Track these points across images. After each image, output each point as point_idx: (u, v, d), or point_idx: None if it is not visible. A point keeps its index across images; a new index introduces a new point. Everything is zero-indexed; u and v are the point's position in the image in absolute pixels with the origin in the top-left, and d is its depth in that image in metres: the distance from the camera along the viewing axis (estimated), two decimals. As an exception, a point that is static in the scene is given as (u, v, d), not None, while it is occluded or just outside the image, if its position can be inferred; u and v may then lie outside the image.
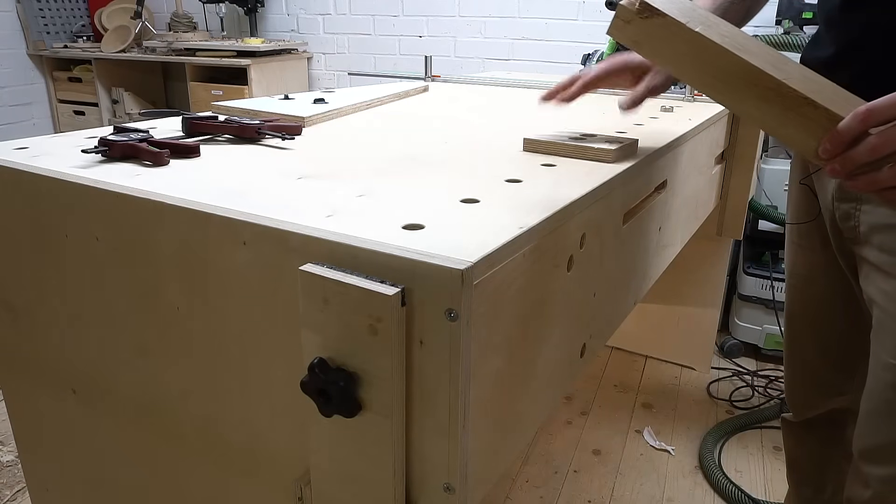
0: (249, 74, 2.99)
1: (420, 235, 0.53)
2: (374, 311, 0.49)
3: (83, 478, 0.90)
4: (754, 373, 2.00)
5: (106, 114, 3.45)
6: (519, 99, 1.48)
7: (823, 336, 1.00)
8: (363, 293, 0.49)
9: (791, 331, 1.05)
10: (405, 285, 0.49)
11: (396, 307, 0.48)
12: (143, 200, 0.64)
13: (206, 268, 0.62)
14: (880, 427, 0.78)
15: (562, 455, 1.65)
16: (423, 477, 0.54)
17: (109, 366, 0.77)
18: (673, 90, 1.55)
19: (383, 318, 0.48)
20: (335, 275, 0.50)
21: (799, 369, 1.06)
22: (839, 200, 0.82)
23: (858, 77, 0.67)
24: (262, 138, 0.91)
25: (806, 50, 0.89)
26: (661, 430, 1.75)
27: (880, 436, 0.78)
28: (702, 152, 1.28)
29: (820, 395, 1.04)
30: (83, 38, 3.57)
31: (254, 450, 0.67)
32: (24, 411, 0.94)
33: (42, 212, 0.74)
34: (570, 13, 2.68)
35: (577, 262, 0.70)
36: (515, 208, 0.62)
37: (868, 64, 0.73)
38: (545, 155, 0.85)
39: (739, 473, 1.59)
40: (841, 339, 0.98)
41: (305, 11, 3.26)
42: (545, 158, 0.83)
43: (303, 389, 0.53)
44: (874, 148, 0.54)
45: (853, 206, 0.79)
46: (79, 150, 0.80)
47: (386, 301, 0.48)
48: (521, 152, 0.87)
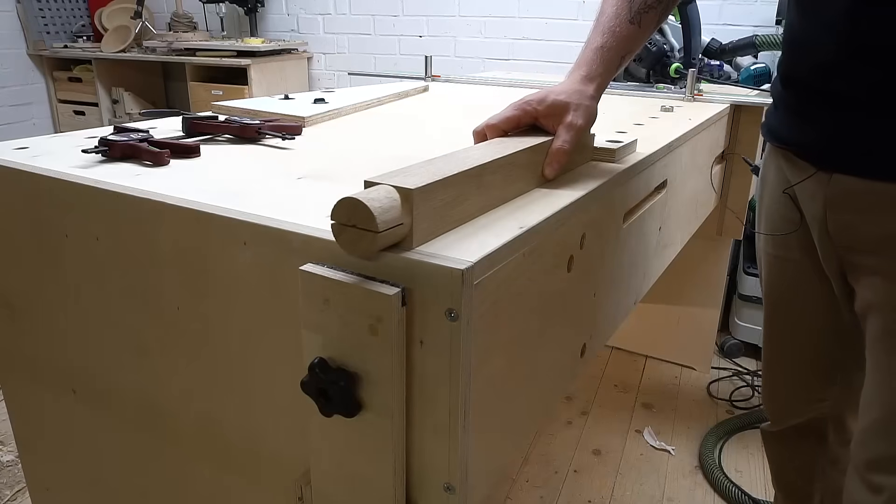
0: (249, 74, 2.99)
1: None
2: (374, 312, 0.49)
3: (83, 478, 0.90)
4: (754, 373, 2.00)
5: (106, 114, 3.45)
6: (519, 99, 1.48)
7: (803, 343, 0.99)
8: (363, 293, 0.49)
9: (770, 339, 1.04)
10: (406, 285, 0.49)
11: (396, 307, 0.48)
12: (143, 200, 0.64)
13: (206, 268, 0.62)
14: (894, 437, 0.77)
15: (562, 455, 1.65)
16: (424, 477, 0.54)
17: (109, 366, 0.77)
18: (673, 90, 1.55)
19: (383, 319, 0.48)
20: (335, 275, 0.50)
21: (780, 376, 1.05)
22: (834, 210, 0.81)
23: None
24: (262, 138, 0.91)
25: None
26: (661, 430, 1.75)
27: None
28: (702, 152, 1.28)
29: (801, 401, 1.03)
30: (83, 38, 3.57)
31: (254, 450, 0.67)
32: (24, 411, 0.94)
33: (42, 212, 0.74)
34: (570, 13, 2.69)
35: (577, 262, 0.70)
36: (515, 208, 0.62)
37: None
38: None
39: (739, 473, 1.59)
40: (821, 346, 0.98)
41: (305, 11, 3.26)
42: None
43: (303, 389, 0.53)
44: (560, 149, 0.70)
45: (855, 216, 0.78)
46: (79, 150, 0.80)
47: (386, 301, 0.48)
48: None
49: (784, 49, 0.86)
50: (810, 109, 0.81)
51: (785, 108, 0.87)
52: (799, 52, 0.82)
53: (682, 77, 1.56)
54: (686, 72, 1.51)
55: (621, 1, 0.78)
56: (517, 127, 0.74)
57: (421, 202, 0.50)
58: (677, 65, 1.58)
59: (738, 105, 1.47)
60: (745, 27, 2.37)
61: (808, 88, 0.80)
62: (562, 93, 0.73)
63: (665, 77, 1.60)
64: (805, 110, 0.82)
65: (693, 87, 1.47)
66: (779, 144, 0.89)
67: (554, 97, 0.73)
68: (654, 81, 1.64)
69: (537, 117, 0.73)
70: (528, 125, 0.74)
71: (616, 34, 0.76)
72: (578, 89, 0.74)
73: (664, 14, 0.80)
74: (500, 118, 0.73)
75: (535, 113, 0.73)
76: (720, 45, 1.78)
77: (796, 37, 0.82)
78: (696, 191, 1.29)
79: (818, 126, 0.80)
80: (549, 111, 0.73)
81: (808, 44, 0.79)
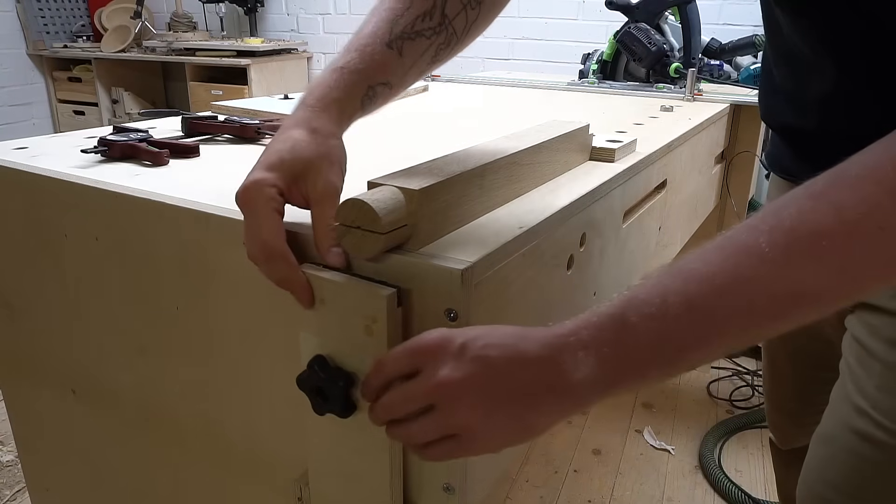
0: (249, 74, 2.99)
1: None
2: (369, 312, 0.49)
3: (83, 478, 0.90)
4: (754, 372, 2.00)
5: (106, 114, 3.45)
6: (519, 99, 1.48)
7: (802, 375, 0.96)
8: (359, 294, 0.49)
9: (770, 368, 1.01)
10: (405, 285, 0.49)
11: (392, 308, 0.48)
12: (142, 200, 0.64)
13: (205, 268, 0.62)
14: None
15: (562, 455, 1.65)
16: (423, 477, 0.54)
17: (109, 366, 0.77)
18: (672, 90, 1.55)
19: (378, 319, 0.48)
20: (331, 275, 0.50)
21: (778, 406, 1.03)
22: None
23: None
24: (261, 138, 0.91)
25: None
26: (661, 429, 1.75)
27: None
28: (702, 152, 1.28)
29: (801, 431, 1.00)
30: (83, 38, 3.57)
31: (254, 450, 0.67)
32: (24, 411, 0.94)
33: (41, 212, 0.74)
34: (570, 13, 2.69)
35: (577, 261, 0.70)
36: (515, 208, 0.62)
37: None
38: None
39: (739, 473, 1.59)
40: (818, 378, 0.93)
41: (305, 11, 3.26)
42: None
43: (299, 386, 0.53)
44: (388, 407, 0.46)
45: None
46: (78, 150, 0.80)
47: (380, 302, 0.48)
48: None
49: (764, 88, 0.77)
50: (804, 145, 0.72)
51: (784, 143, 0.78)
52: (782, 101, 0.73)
53: (681, 77, 1.56)
54: (686, 71, 1.51)
55: (382, 21, 0.58)
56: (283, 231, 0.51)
57: (425, 203, 0.50)
58: (677, 64, 1.57)
59: (737, 105, 1.47)
60: (744, 27, 2.37)
61: (799, 131, 0.71)
62: (296, 144, 0.52)
63: (665, 77, 1.60)
64: (799, 147, 0.73)
65: (693, 87, 1.47)
66: (783, 176, 0.81)
67: (289, 156, 0.51)
68: (653, 81, 1.64)
69: (283, 195, 0.51)
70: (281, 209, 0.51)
71: (366, 56, 0.56)
72: (315, 129, 0.53)
73: (443, 50, 0.61)
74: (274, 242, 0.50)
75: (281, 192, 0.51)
76: (720, 45, 1.78)
77: (777, 89, 0.73)
78: (695, 190, 1.29)
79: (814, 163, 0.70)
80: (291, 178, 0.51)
81: (790, 100, 0.70)
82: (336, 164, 0.53)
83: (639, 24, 1.61)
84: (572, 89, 1.64)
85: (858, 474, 0.63)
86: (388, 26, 0.58)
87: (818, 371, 0.88)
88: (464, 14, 0.61)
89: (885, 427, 0.60)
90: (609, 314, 0.41)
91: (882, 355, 0.61)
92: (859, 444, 0.62)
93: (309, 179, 0.51)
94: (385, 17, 0.58)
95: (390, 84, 0.58)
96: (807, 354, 0.90)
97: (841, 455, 0.64)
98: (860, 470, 0.63)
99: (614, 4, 1.66)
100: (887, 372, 0.61)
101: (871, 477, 0.62)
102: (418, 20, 0.58)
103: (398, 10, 0.58)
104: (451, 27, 0.60)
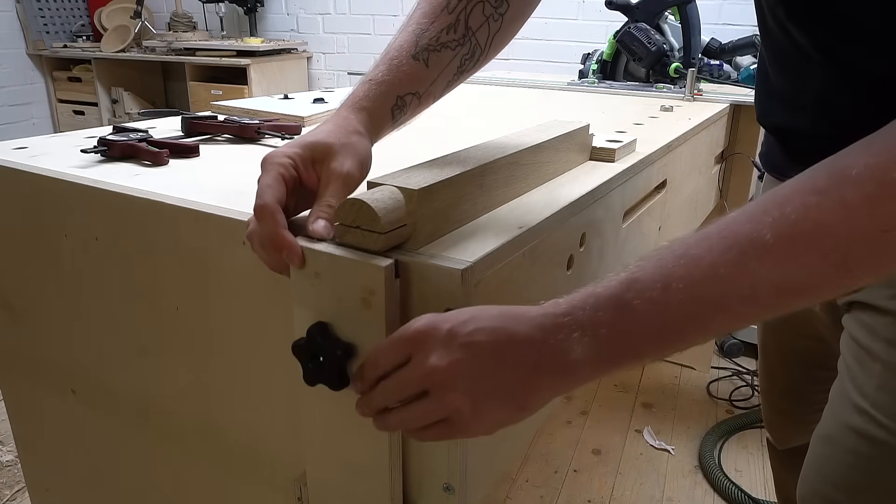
0: (249, 74, 2.99)
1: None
2: (366, 284, 0.47)
3: (83, 478, 0.90)
4: (754, 372, 2.00)
5: (105, 113, 3.45)
6: (519, 98, 1.48)
7: (796, 374, 0.96)
8: (355, 265, 0.48)
9: (765, 369, 1.01)
10: (404, 285, 0.49)
11: (390, 279, 0.47)
12: (142, 200, 0.64)
13: (205, 268, 0.62)
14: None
15: (562, 455, 1.65)
16: (423, 477, 0.54)
17: (109, 366, 0.77)
18: (672, 90, 1.55)
19: (376, 291, 0.47)
20: (326, 247, 0.49)
21: (774, 407, 1.03)
22: None
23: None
24: (261, 138, 0.91)
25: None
26: (661, 429, 1.75)
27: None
28: (702, 152, 1.28)
29: (797, 431, 1.01)
30: (83, 37, 3.57)
31: (253, 450, 0.67)
32: (23, 411, 0.94)
33: (41, 212, 0.74)
34: (570, 13, 2.69)
35: (577, 261, 0.70)
36: (515, 208, 0.62)
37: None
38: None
39: (739, 473, 1.59)
40: (812, 378, 0.90)
41: (305, 11, 3.26)
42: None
43: (294, 351, 0.51)
44: (380, 395, 0.46)
45: None
46: (78, 150, 0.80)
47: (378, 273, 0.47)
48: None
49: (759, 89, 0.78)
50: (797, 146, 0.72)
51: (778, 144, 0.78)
52: (776, 102, 0.73)
53: (681, 77, 1.56)
54: (686, 71, 1.51)
55: (409, 34, 0.63)
56: (284, 196, 0.53)
57: (424, 203, 0.50)
58: (677, 64, 1.57)
59: (737, 104, 1.47)
60: (744, 27, 2.37)
61: (793, 132, 0.71)
62: (320, 133, 0.57)
63: (665, 77, 1.60)
64: (793, 148, 0.73)
65: (693, 87, 1.47)
66: (777, 177, 0.80)
67: (312, 139, 0.56)
68: (653, 81, 1.64)
69: (298, 170, 0.55)
70: (294, 184, 0.55)
71: (394, 67, 0.61)
72: (341, 125, 0.58)
73: (468, 61, 0.64)
74: (266, 198, 0.52)
75: (295, 165, 0.55)
76: (720, 45, 1.78)
77: (771, 90, 0.74)
78: (695, 190, 1.29)
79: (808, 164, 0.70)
80: (309, 158, 0.55)
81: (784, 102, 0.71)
82: (354, 155, 0.56)
83: (639, 24, 1.61)
84: (572, 89, 1.64)
85: (858, 472, 0.64)
86: (414, 39, 0.62)
87: (812, 370, 0.88)
88: (486, 26, 0.63)
89: (885, 426, 0.60)
90: (608, 296, 0.42)
91: (882, 356, 0.62)
92: (859, 443, 0.63)
93: (325, 162, 0.55)
94: (412, 30, 0.62)
95: (418, 94, 0.62)
96: (800, 353, 0.90)
97: (841, 453, 0.65)
98: (860, 468, 0.63)
99: (614, 4, 1.66)
100: (887, 372, 0.61)
101: (871, 475, 0.63)
102: (443, 33, 0.61)
103: (424, 24, 0.62)
104: (474, 38, 0.63)
